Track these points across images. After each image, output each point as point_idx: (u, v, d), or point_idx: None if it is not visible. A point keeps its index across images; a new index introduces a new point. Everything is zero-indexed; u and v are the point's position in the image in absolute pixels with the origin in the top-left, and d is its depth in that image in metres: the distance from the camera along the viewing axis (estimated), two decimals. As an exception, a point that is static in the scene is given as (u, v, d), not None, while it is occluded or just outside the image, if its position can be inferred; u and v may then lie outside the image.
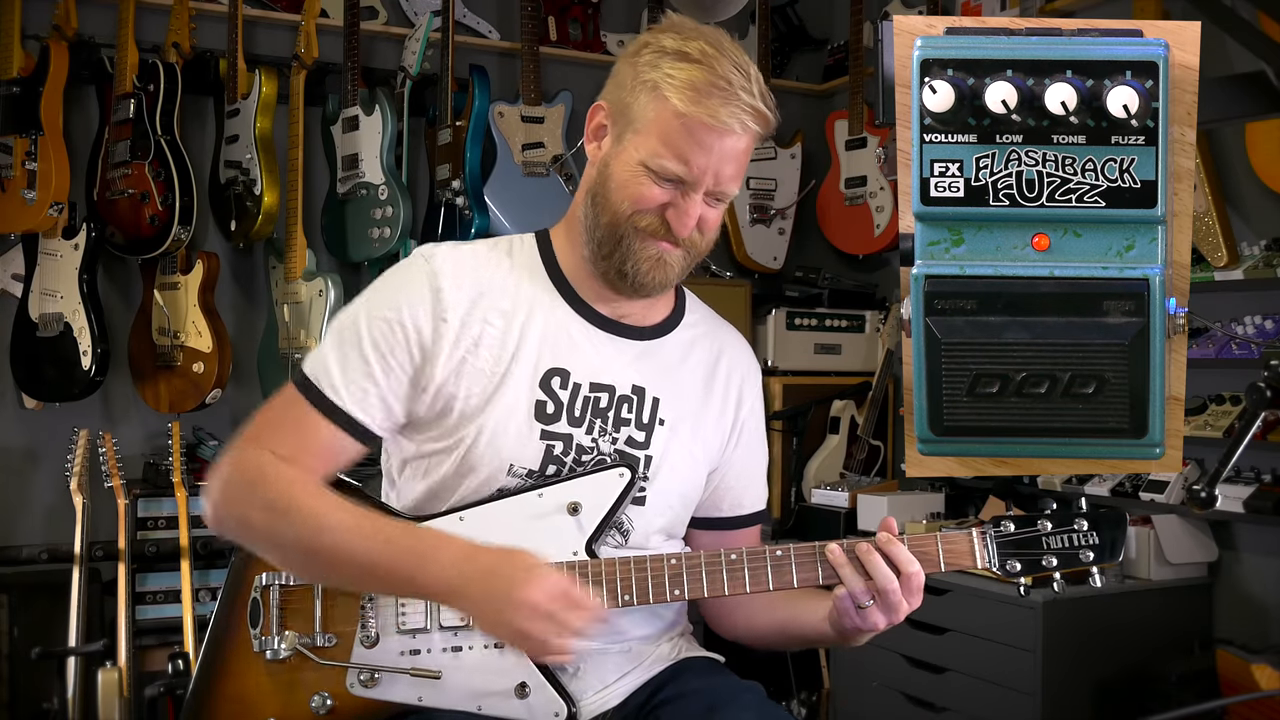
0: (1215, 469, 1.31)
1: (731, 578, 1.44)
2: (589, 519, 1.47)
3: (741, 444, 1.65)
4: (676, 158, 1.42)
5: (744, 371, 1.67)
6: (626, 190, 1.46)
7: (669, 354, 1.59)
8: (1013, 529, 1.46)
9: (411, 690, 1.45)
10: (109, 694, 2.73)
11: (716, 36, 1.46)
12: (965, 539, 1.45)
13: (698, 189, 1.44)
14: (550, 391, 1.51)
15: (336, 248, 3.52)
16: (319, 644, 1.48)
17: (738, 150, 1.44)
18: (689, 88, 1.41)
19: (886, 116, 1.28)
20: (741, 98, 1.41)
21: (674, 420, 1.57)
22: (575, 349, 1.53)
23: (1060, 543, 1.45)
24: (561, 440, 1.51)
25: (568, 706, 1.43)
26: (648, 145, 1.44)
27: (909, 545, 1.42)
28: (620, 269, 1.49)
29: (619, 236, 1.48)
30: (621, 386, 1.54)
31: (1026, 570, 1.45)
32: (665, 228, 1.46)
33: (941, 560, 1.45)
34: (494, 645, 1.45)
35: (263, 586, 1.51)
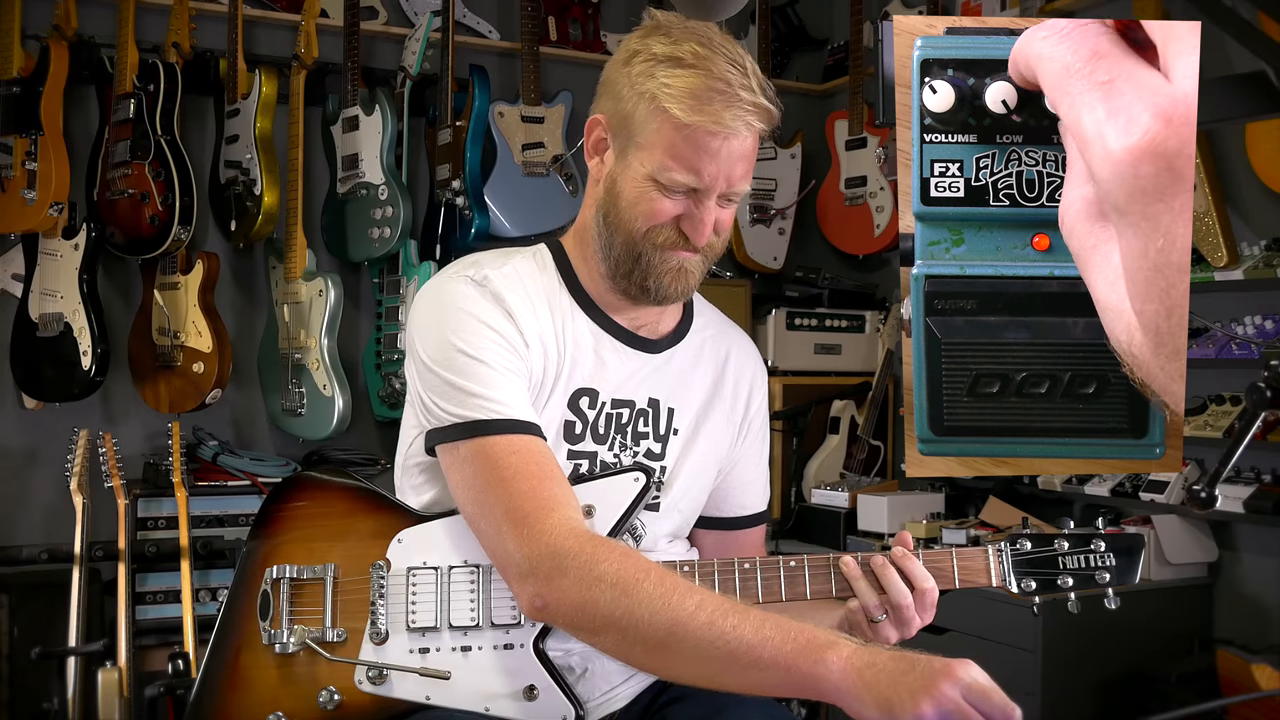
0: (1215, 469, 1.31)
1: (744, 587, 1.43)
2: (603, 521, 1.46)
3: (747, 444, 1.66)
4: (686, 169, 1.41)
5: (752, 373, 1.67)
6: (639, 208, 1.45)
7: (681, 362, 1.60)
8: (1029, 547, 1.47)
9: (419, 689, 1.45)
10: (109, 694, 2.73)
11: (706, 33, 1.44)
12: (981, 555, 1.46)
13: (711, 195, 1.44)
14: (579, 411, 1.51)
15: (336, 248, 3.52)
16: (328, 639, 1.47)
17: (745, 150, 1.44)
18: (689, 96, 1.39)
19: (886, 116, 1.28)
20: (743, 97, 1.40)
21: (686, 428, 1.58)
22: (603, 367, 1.53)
23: (1077, 563, 1.46)
24: (587, 459, 1.51)
25: (575, 709, 1.43)
26: (654, 159, 1.42)
27: (924, 561, 1.43)
28: (643, 285, 1.49)
29: (636, 255, 1.47)
30: (640, 401, 1.55)
31: (1042, 590, 1.46)
32: (682, 238, 1.46)
33: (956, 577, 1.45)
34: (504, 646, 1.45)
35: (273, 579, 1.49)
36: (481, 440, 1.39)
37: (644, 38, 1.46)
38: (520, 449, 1.39)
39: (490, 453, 1.38)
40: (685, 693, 1.53)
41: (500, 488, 1.37)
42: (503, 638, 1.44)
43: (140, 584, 3.09)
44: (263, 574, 1.50)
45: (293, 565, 1.50)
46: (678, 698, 1.53)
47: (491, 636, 1.45)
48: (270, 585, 1.50)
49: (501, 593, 1.45)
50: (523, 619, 1.44)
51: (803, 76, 4.34)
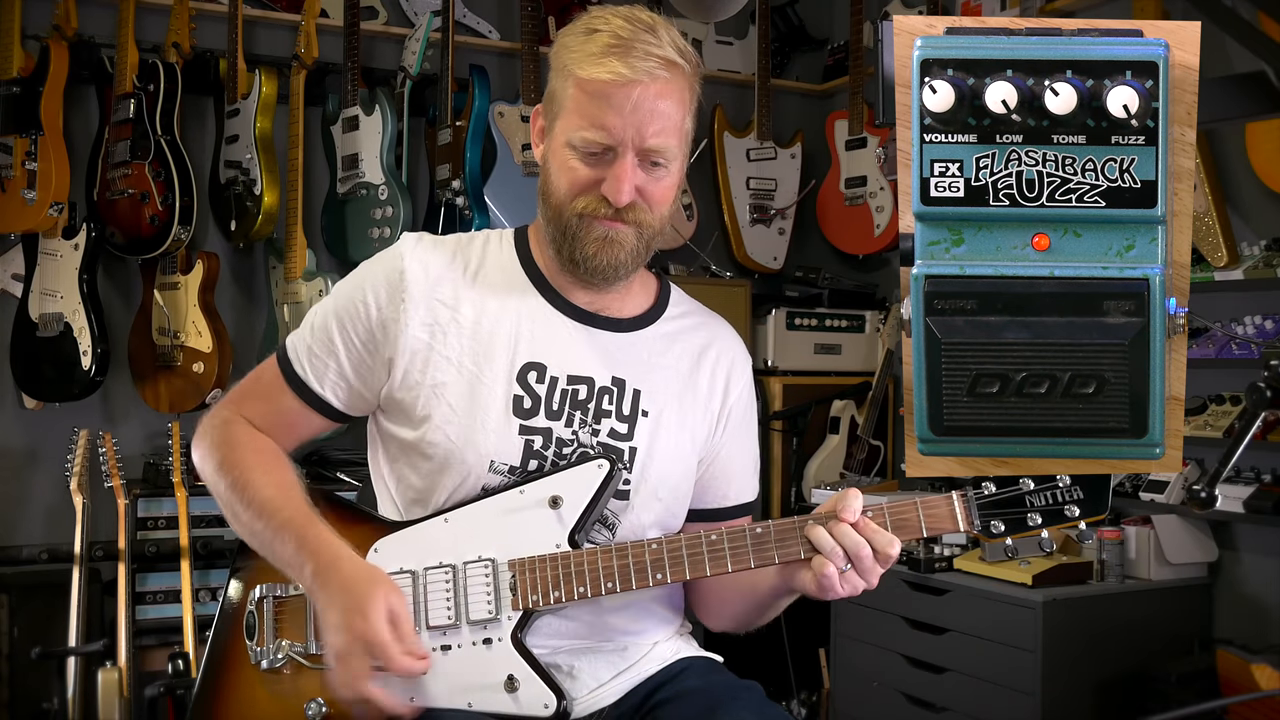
0: (1215, 469, 1.31)
1: (713, 559, 1.44)
2: (570, 511, 1.47)
3: (728, 433, 1.64)
4: (592, 125, 1.42)
5: (731, 359, 1.65)
6: (561, 177, 1.47)
7: (649, 345, 1.59)
8: (994, 489, 1.45)
9: (402, 691, 1.46)
10: (109, 694, 2.74)
11: (631, 11, 1.46)
12: (945, 502, 1.45)
13: (625, 151, 1.43)
14: (527, 386, 1.51)
15: (336, 248, 3.52)
16: (312, 651, 1.49)
17: (654, 103, 1.43)
18: (591, 56, 1.42)
19: (886, 116, 1.28)
20: (640, 47, 1.41)
21: (657, 412, 1.56)
22: (552, 342, 1.53)
23: (1044, 500, 1.44)
24: (541, 435, 1.51)
25: (557, 699, 1.43)
26: (567, 124, 1.45)
27: (890, 514, 1.43)
28: (572, 256, 1.49)
29: (564, 225, 1.48)
30: (601, 378, 1.54)
31: (1011, 529, 1.44)
32: (604, 204, 1.46)
33: (923, 525, 1.44)
34: (483, 642, 1.46)
35: (257, 599, 1.54)
36: (278, 374, 1.57)
37: (572, 24, 1.50)
38: (288, 398, 1.56)
39: (270, 376, 1.58)
40: (678, 691, 1.53)
41: (249, 380, 1.62)
42: (481, 633, 1.46)
43: (140, 584, 3.10)
44: (248, 596, 1.55)
45: (274, 584, 1.54)
46: (671, 697, 1.53)
47: (470, 633, 1.46)
48: (255, 605, 1.54)
49: (477, 589, 1.46)
50: (499, 614, 1.45)
51: (803, 76, 4.34)
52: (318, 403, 1.56)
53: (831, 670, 3.31)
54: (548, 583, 1.45)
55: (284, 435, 1.59)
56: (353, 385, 1.55)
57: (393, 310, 1.51)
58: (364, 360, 1.53)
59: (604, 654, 1.55)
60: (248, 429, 1.57)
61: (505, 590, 1.46)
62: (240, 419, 1.58)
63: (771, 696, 1.56)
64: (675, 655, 1.60)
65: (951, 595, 2.84)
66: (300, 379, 1.55)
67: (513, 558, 1.46)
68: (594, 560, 1.45)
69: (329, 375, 1.55)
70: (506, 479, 1.50)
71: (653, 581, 1.45)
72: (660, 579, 1.45)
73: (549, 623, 1.50)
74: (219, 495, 1.55)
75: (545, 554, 1.46)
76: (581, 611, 1.52)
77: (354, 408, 1.58)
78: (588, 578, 1.44)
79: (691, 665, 1.59)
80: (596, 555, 1.45)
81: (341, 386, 1.55)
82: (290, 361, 1.56)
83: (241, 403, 1.60)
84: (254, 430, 1.58)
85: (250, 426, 1.58)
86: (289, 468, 1.56)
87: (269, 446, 1.56)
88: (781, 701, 3.44)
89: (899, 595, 2.97)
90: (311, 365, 1.55)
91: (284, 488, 1.52)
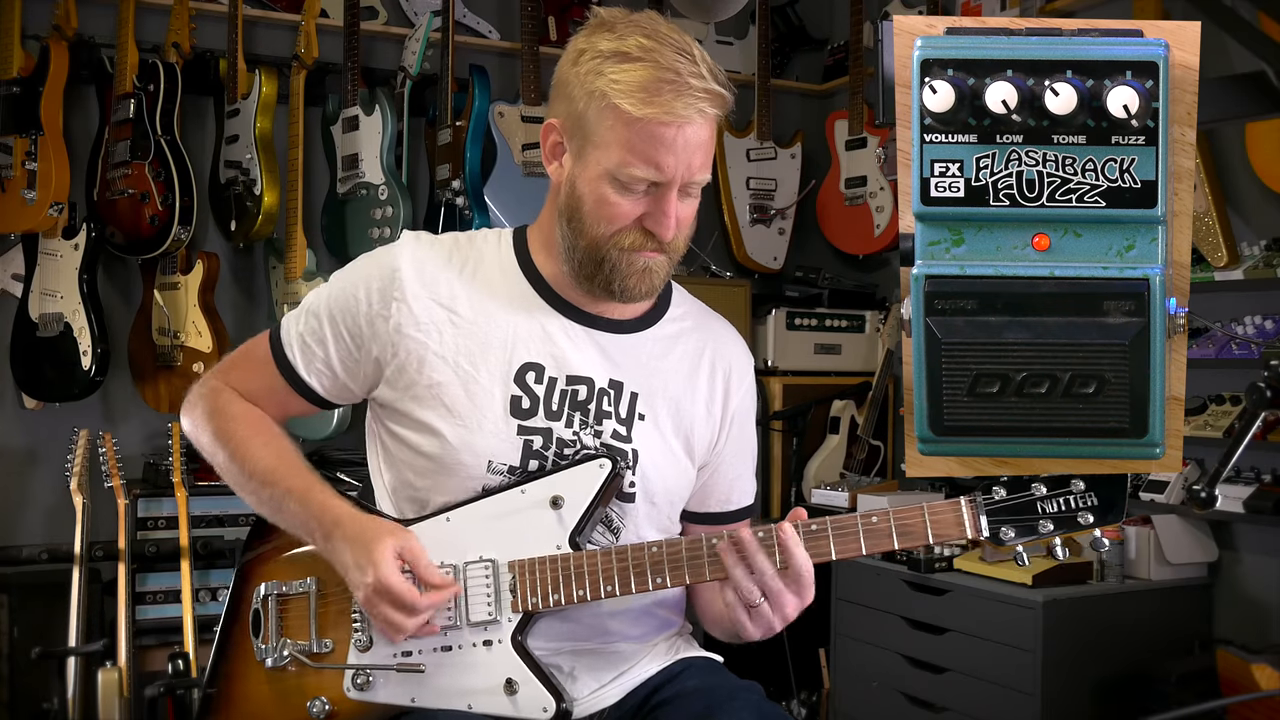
0: (1215, 469, 1.31)
1: (713, 563, 1.43)
2: (570, 512, 1.46)
3: (731, 438, 1.63)
4: (645, 163, 1.40)
5: (731, 363, 1.63)
6: (601, 211, 1.44)
7: (649, 348, 1.57)
8: (1004, 494, 1.39)
9: (404, 692, 1.46)
10: (109, 694, 2.74)
11: (651, 25, 1.43)
12: (952, 509, 1.40)
13: (672, 188, 1.42)
14: (525, 387, 1.50)
15: (336, 248, 3.52)
16: (315, 650, 1.51)
17: (702, 139, 1.42)
18: (639, 90, 1.38)
19: (886, 116, 1.28)
20: (693, 85, 1.38)
21: (654, 415, 1.55)
22: (551, 343, 1.52)
23: (1057, 506, 1.38)
24: (540, 435, 1.50)
25: (556, 702, 1.43)
26: (611, 158, 1.41)
27: (895, 522, 1.40)
28: (608, 287, 1.48)
29: (600, 259, 1.46)
30: (600, 380, 1.53)
31: (1021, 535, 1.39)
32: (647, 238, 1.45)
33: (929, 533, 1.40)
34: (483, 644, 1.46)
35: (262, 597, 1.55)
36: (268, 352, 1.59)
37: (589, 35, 1.46)
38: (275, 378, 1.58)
39: (261, 352, 1.60)
40: (678, 692, 1.53)
41: (242, 352, 1.65)
42: (481, 635, 1.46)
43: (140, 584, 3.10)
44: (253, 594, 1.57)
45: (278, 581, 1.55)
46: (670, 697, 1.53)
47: (470, 635, 1.46)
48: (260, 603, 1.55)
49: (477, 591, 1.46)
50: (499, 616, 1.45)
51: (803, 76, 4.34)
52: (302, 387, 1.58)
53: (831, 670, 3.31)
54: (547, 585, 1.45)
55: (270, 409, 1.62)
56: (338, 376, 1.56)
57: (383, 308, 1.51)
58: (351, 354, 1.54)
59: (604, 655, 1.55)
60: (238, 398, 1.61)
61: (505, 592, 1.46)
62: (228, 389, 1.62)
63: (771, 697, 1.56)
64: (675, 656, 1.60)
65: (951, 595, 2.84)
66: (289, 362, 1.57)
67: (513, 558, 1.46)
68: (594, 563, 1.44)
69: (315, 363, 1.57)
70: (507, 479, 1.49)
71: (653, 585, 1.44)
72: (660, 583, 1.44)
73: (549, 624, 1.50)
74: (218, 465, 1.58)
75: (545, 555, 1.45)
76: (582, 613, 1.51)
77: (338, 397, 1.60)
78: (587, 580, 1.44)
79: (691, 666, 1.59)
80: (596, 558, 1.45)
81: (326, 376, 1.57)
82: (282, 344, 1.58)
83: (230, 373, 1.64)
84: (244, 400, 1.61)
85: (239, 396, 1.61)
86: (284, 435, 1.60)
87: (262, 415, 1.60)
88: (781, 702, 3.44)
89: (899, 595, 2.97)
90: (301, 351, 1.57)
91: (283, 455, 1.56)
